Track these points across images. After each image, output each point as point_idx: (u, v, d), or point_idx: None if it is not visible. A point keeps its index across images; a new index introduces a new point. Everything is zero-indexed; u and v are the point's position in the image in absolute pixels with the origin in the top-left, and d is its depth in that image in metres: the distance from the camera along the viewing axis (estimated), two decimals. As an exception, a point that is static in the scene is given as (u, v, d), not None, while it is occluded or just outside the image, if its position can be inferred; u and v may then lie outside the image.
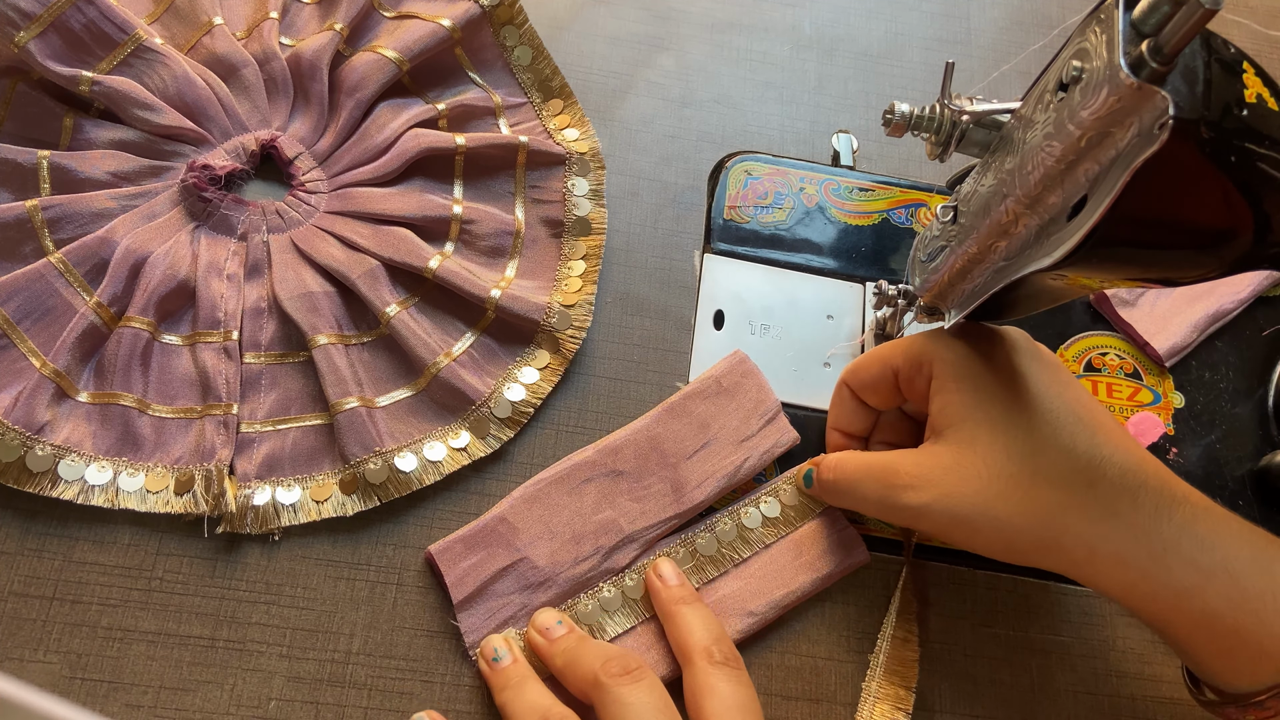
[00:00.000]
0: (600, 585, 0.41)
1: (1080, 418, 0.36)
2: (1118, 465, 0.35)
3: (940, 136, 0.36)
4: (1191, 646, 0.35)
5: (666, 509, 0.43)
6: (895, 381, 0.40)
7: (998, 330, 0.39)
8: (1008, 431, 0.36)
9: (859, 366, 0.42)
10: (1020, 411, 0.36)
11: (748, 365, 0.45)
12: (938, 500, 0.36)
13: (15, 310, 0.41)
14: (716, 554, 0.42)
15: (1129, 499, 0.34)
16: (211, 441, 0.41)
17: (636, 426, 0.44)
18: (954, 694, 0.42)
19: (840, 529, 0.43)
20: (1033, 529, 0.35)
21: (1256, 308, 0.51)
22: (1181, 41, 0.24)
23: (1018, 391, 0.36)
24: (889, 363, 0.40)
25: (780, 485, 0.44)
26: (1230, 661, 0.34)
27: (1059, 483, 0.35)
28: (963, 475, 0.36)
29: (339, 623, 0.40)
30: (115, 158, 0.45)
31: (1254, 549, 0.34)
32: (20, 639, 0.38)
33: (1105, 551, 0.34)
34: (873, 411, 0.43)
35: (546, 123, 0.51)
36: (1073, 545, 0.35)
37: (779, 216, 0.50)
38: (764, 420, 0.44)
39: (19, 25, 0.43)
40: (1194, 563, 0.33)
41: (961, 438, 0.36)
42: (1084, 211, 0.28)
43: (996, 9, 0.59)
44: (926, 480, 0.37)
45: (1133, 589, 0.34)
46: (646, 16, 0.55)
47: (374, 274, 0.44)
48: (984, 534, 0.36)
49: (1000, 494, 0.35)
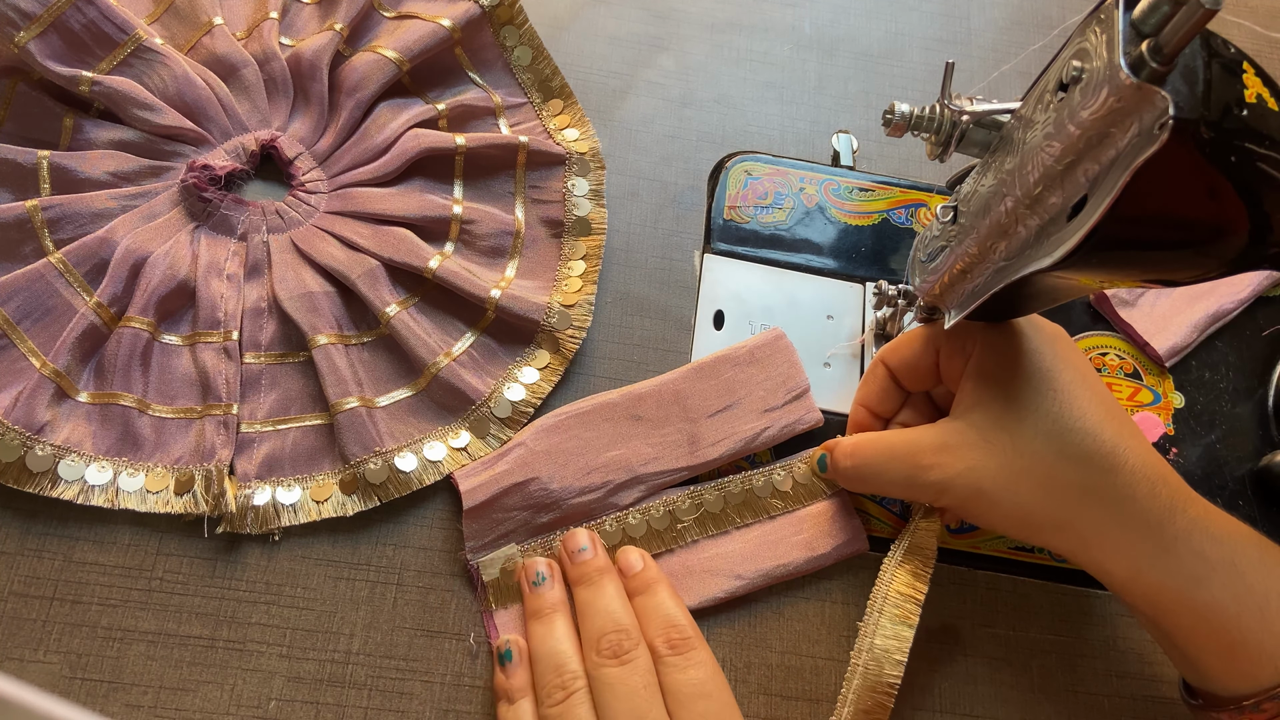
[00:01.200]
0: (603, 519, 0.42)
1: (1109, 411, 0.37)
2: (1138, 457, 0.35)
3: (940, 136, 0.36)
4: (1191, 644, 0.35)
5: (679, 459, 0.43)
6: (936, 362, 0.40)
7: (1036, 320, 0.39)
8: (1036, 413, 0.36)
9: (900, 345, 0.42)
10: (1050, 395, 0.36)
11: (783, 341, 0.46)
12: (962, 475, 0.37)
13: (15, 310, 0.41)
14: (721, 513, 0.43)
15: (1146, 488, 0.35)
16: (211, 441, 0.41)
17: (664, 379, 0.45)
18: (954, 694, 0.42)
19: (845, 515, 0.43)
20: (1049, 507, 0.36)
21: (1256, 308, 0.51)
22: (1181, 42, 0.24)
23: (1050, 378, 0.37)
24: (933, 344, 0.40)
25: (795, 462, 0.44)
26: (1230, 661, 0.34)
27: (1081, 464, 0.35)
28: (989, 450, 0.37)
29: (339, 623, 0.40)
30: (115, 158, 0.45)
31: (1260, 551, 0.34)
32: (20, 639, 0.38)
33: (1117, 535, 0.35)
34: (903, 393, 0.43)
35: (546, 123, 0.51)
36: (1086, 526, 0.35)
37: (779, 216, 0.50)
38: (790, 395, 0.45)
39: (19, 25, 0.43)
40: (1202, 554, 0.34)
41: (990, 415, 0.37)
42: (1084, 212, 0.28)
43: (996, 9, 0.59)
44: (952, 456, 0.37)
45: (1140, 576, 0.35)
46: (646, 16, 0.55)
47: (374, 274, 0.44)
48: (1002, 508, 0.37)
49: (1023, 470, 0.36)
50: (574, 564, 0.40)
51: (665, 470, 0.43)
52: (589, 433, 0.43)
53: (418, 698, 0.39)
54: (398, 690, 0.39)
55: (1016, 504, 0.36)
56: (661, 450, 0.43)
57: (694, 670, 0.37)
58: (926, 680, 0.42)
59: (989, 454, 0.37)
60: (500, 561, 0.41)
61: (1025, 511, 0.36)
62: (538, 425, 0.43)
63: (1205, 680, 0.35)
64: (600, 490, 0.42)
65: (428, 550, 0.42)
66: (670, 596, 0.40)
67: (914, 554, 0.40)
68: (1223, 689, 0.35)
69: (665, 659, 0.37)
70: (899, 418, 0.43)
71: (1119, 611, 0.45)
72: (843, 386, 0.47)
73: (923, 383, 0.42)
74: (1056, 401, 0.36)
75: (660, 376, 0.45)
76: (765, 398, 0.45)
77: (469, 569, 0.41)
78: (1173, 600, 0.34)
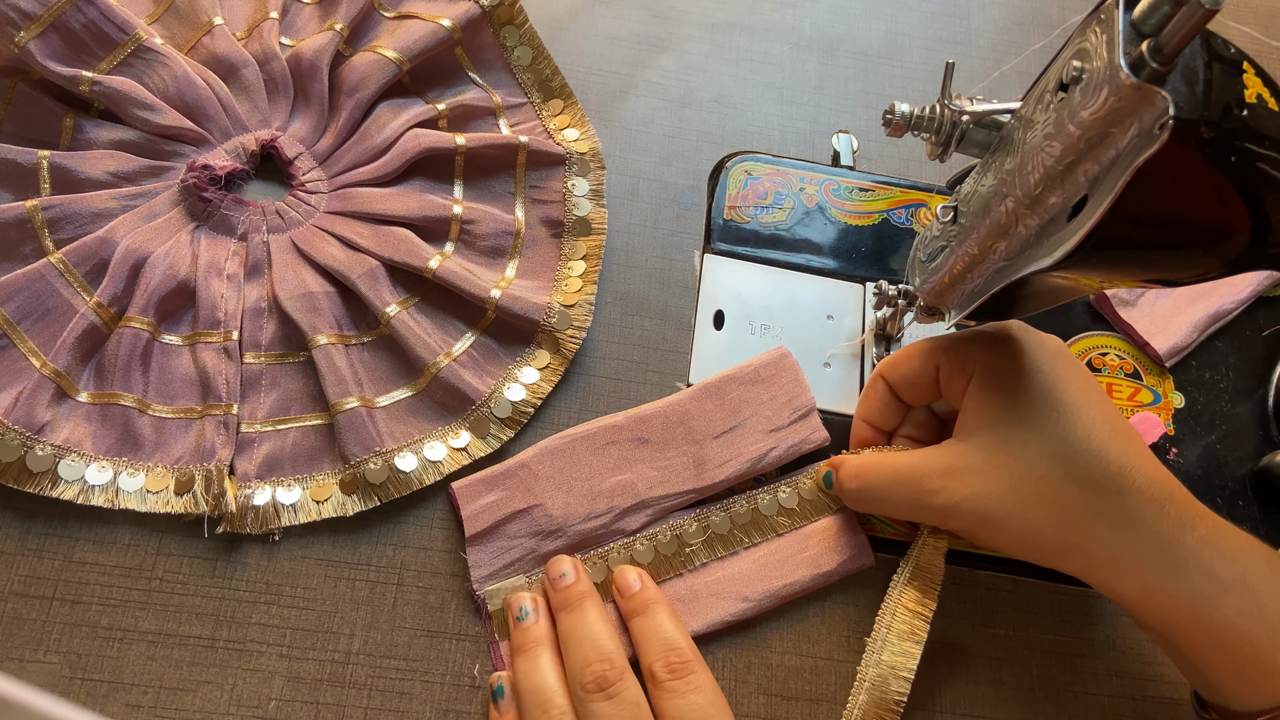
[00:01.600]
0: (610, 546, 0.42)
1: (1115, 429, 0.36)
2: (1146, 476, 0.35)
3: (940, 136, 0.36)
4: (1205, 661, 0.35)
5: (685, 482, 0.43)
6: (936, 378, 0.40)
7: (1037, 335, 0.39)
8: (1041, 435, 0.36)
9: (899, 361, 0.42)
10: (1055, 417, 0.36)
11: (789, 360, 0.46)
12: (968, 500, 0.37)
13: (15, 310, 0.41)
14: (728, 534, 0.43)
15: (1155, 508, 0.35)
16: (211, 441, 0.41)
17: (670, 400, 0.45)
18: (954, 694, 0.42)
19: (850, 531, 0.43)
20: (1058, 530, 0.35)
21: (1256, 308, 0.51)
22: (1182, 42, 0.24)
23: (1054, 398, 0.37)
24: (932, 360, 0.40)
25: (800, 479, 0.44)
26: (1243, 678, 0.34)
27: (1089, 487, 0.35)
28: (995, 475, 0.36)
29: (339, 623, 0.40)
30: (115, 158, 0.45)
31: (1271, 566, 0.34)
32: (20, 639, 0.38)
33: (1127, 556, 0.35)
34: (904, 407, 0.43)
35: (546, 123, 0.51)
36: (1095, 549, 0.35)
37: (779, 216, 0.50)
38: (796, 415, 0.45)
39: (19, 25, 0.43)
40: (1213, 573, 0.34)
41: (995, 438, 0.37)
42: (1084, 212, 0.28)
43: (996, 9, 0.59)
44: (957, 480, 0.37)
45: (1151, 596, 0.35)
46: (646, 16, 0.55)
47: (374, 274, 0.44)
48: (1010, 533, 0.36)
49: (1030, 494, 0.36)
50: (556, 590, 0.40)
51: (671, 494, 0.43)
52: (594, 457, 0.43)
53: (418, 698, 0.39)
54: (398, 690, 0.39)
55: (1024, 528, 0.36)
56: (667, 474, 0.43)
57: (693, 695, 0.36)
58: (927, 680, 0.42)
59: (995, 478, 0.36)
60: (506, 592, 0.40)
61: (1033, 535, 0.36)
62: (542, 447, 0.43)
63: (1218, 695, 0.35)
64: (606, 516, 0.42)
65: (428, 550, 0.42)
66: (669, 618, 0.39)
67: (922, 571, 0.40)
68: (1236, 704, 0.35)
69: (664, 684, 0.36)
70: (901, 431, 0.43)
71: (1119, 612, 0.45)
72: (843, 387, 0.47)
73: (923, 397, 0.42)
74: (1061, 423, 0.36)
75: (666, 398, 0.45)
76: (771, 417, 0.44)
77: (475, 600, 0.41)
78: (1185, 619, 0.34)
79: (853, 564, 0.43)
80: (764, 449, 0.44)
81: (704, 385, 0.45)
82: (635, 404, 0.45)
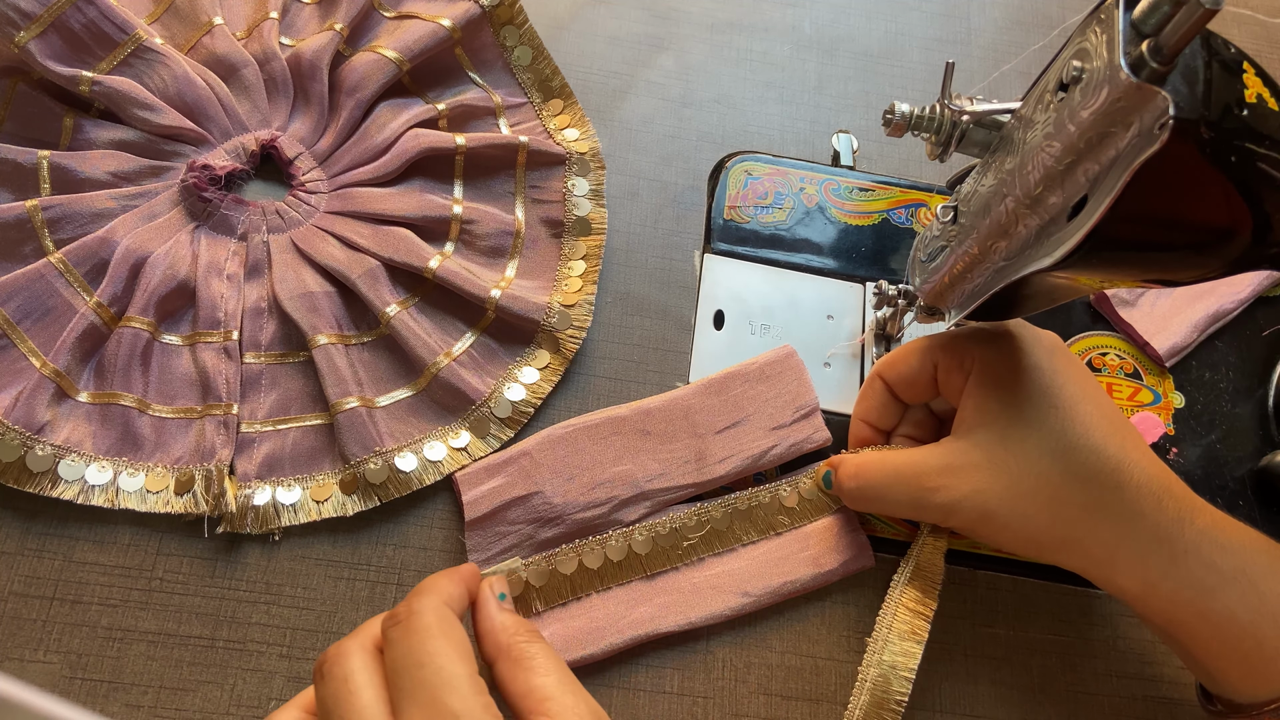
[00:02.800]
0: (609, 535, 0.42)
1: (1113, 424, 0.36)
2: (1144, 470, 0.35)
3: (940, 136, 0.36)
4: (1207, 653, 0.35)
5: (685, 476, 0.43)
6: (934, 376, 0.40)
7: (1034, 331, 0.39)
8: (1040, 431, 0.36)
9: (897, 360, 0.42)
10: (1054, 413, 0.36)
11: (794, 359, 0.46)
12: (968, 497, 0.37)
13: (15, 310, 0.41)
14: (727, 530, 0.43)
15: (1153, 502, 0.35)
16: (211, 441, 0.41)
17: (673, 395, 0.45)
18: (954, 694, 0.42)
19: (850, 531, 0.43)
20: (1058, 526, 0.36)
21: (1256, 308, 0.51)
22: (1182, 41, 0.24)
23: (1052, 394, 0.37)
24: (930, 358, 0.40)
25: (800, 478, 0.44)
26: (1245, 669, 0.34)
27: (1088, 482, 0.35)
28: (994, 471, 0.36)
29: (339, 623, 0.40)
30: (115, 158, 0.45)
31: (1270, 557, 0.34)
32: (20, 639, 0.38)
33: (1127, 550, 0.35)
34: (902, 406, 0.43)
35: (546, 123, 0.51)
36: (1096, 544, 0.35)
37: (779, 216, 0.50)
38: (799, 414, 0.45)
39: (19, 25, 0.43)
40: (1214, 565, 0.34)
41: (994, 435, 0.37)
42: (1084, 211, 0.28)
43: (996, 9, 0.59)
44: (957, 478, 0.37)
45: (1152, 590, 0.35)
46: (646, 16, 0.55)
47: (374, 274, 0.44)
48: (1010, 529, 0.37)
49: (1030, 490, 0.36)
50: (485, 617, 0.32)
51: (671, 486, 0.43)
52: (595, 446, 0.43)
53: (418, 698, 0.39)
54: (398, 690, 0.39)
55: (1024, 524, 0.36)
56: (668, 466, 0.43)
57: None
58: (927, 680, 0.42)
59: (994, 475, 0.36)
60: (501, 573, 0.41)
61: (1033, 532, 0.36)
62: (545, 435, 0.43)
63: (1222, 687, 0.35)
64: (605, 506, 0.42)
65: (428, 550, 0.42)
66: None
67: (922, 572, 0.40)
68: (1240, 695, 0.35)
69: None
70: (900, 430, 0.43)
71: (1119, 611, 0.45)
72: (843, 387, 0.47)
73: (921, 396, 0.42)
74: (1060, 419, 0.36)
75: (669, 392, 0.45)
76: (774, 415, 0.45)
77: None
78: (1186, 612, 0.34)
79: (853, 564, 0.43)
80: (765, 446, 0.44)
81: (708, 380, 0.45)
82: (635, 404, 0.46)
